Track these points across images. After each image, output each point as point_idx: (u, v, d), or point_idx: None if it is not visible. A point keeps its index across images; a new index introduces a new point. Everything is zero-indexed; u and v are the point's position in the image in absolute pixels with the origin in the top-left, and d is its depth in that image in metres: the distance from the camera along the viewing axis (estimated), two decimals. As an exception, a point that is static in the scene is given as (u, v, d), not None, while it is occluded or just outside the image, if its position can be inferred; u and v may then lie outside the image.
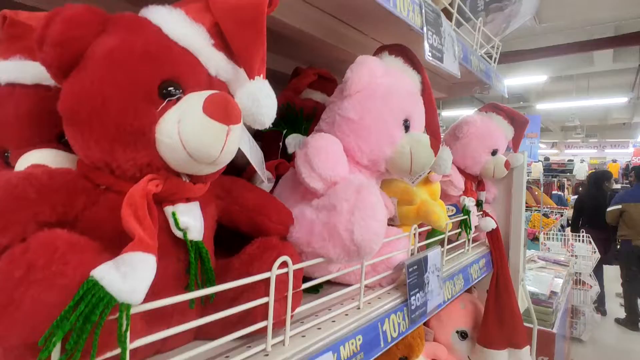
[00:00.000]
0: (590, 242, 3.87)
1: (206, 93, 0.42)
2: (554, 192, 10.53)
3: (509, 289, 1.17)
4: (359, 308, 0.67)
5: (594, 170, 6.74)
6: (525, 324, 1.54)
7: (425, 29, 0.76)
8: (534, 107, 9.04)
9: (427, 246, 0.89)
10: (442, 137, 1.25)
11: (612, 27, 6.00)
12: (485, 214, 1.25)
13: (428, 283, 0.77)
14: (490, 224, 1.21)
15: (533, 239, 4.84)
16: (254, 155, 0.59)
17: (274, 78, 1.14)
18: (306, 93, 0.93)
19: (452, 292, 0.89)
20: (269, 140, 0.82)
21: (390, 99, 0.72)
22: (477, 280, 1.08)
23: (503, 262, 1.20)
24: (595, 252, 3.85)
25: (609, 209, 4.40)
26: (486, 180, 1.35)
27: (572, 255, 3.76)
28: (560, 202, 8.93)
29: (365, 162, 0.72)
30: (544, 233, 4.28)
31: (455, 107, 10.25)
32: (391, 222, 0.90)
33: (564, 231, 5.65)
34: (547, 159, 16.92)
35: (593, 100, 7.88)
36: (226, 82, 0.50)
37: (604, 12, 5.35)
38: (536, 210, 6.42)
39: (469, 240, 1.16)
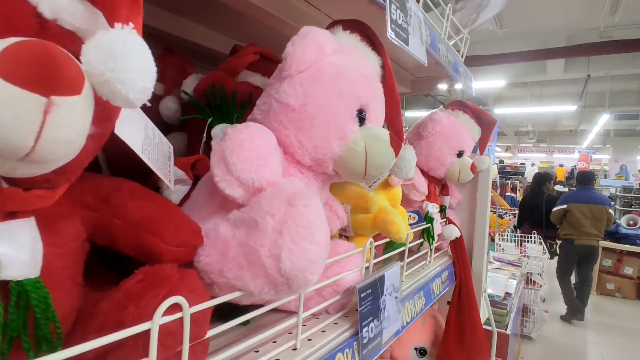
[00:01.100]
0: (540, 243, 3.98)
1: (6, 42, 0.25)
2: (507, 193, 10.98)
3: (471, 302, 1.07)
4: (295, 349, 0.52)
5: (538, 172, 7.13)
6: (485, 326, 1.48)
7: (388, 0, 0.62)
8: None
9: (385, 261, 0.76)
10: (405, 135, 1.13)
11: (565, 38, 6.27)
12: (449, 221, 1.14)
13: (384, 308, 0.64)
14: (454, 232, 1.11)
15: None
16: (153, 148, 0.43)
17: (209, 58, 0.97)
18: (244, 75, 0.75)
19: (412, 313, 0.78)
20: (194, 131, 0.66)
21: (342, 83, 0.56)
22: (438, 296, 0.97)
23: (466, 273, 1.11)
24: (545, 252, 3.96)
25: (554, 209, 4.61)
26: (450, 183, 1.25)
27: (524, 256, 3.85)
28: (513, 203, 9.29)
29: (307, 161, 0.56)
30: (498, 234, 4.37)
31: (417, 109, 10.41)
32: (344, 232, 0.76)
33: (515, 232, 5.86)
34: (501, 161, 17.72)
35: (545, 107, 8.24)
36: (75, 31, 0.32)
37: (558, 19, 5.56)
38: (492, 211, 6.60)
39: (431, 250, 1.05)
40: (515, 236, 4.37)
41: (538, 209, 5.11)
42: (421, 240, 1.00)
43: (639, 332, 4.35)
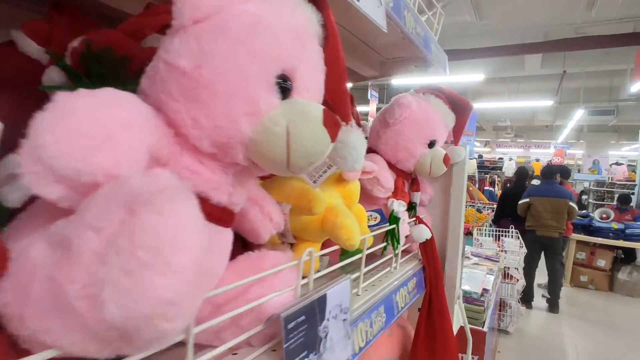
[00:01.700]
0: (518, 238, 3.95)
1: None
2: (485, 188, 11.10)
3: (443, 312, 0.95)
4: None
5: (522, 166, 7.20)
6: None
7: None
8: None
9: (342, 270, 0.63)
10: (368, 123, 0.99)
11: (542, 34, 6.29)
12: (419, 221, 1.00)
13: (326, 337, 0.50)
14: (424, 232, 0.97)
15: (467, 233, 4.96)
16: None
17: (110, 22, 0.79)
18: (153, 40, 0.57)
19: (369, 335, 0.64)
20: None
21: (256, 38, 0.41)
22: (404, 309, 0.84)
23: (438, 279, 0.98)
24: (522, 246, 3.94)
25: (519, 202, 4.80)
26: (421, 178, 1.11)
27: (501, 251, 3.82)
28: (491, 197, 9.39)
29: (206, 147, 0.41)
30: (477, 228, 4.32)
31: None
32: (283, 239, 0.62)
33: (492, 226, 5.86)
34: (480, 156, 18.01)
35: (522, 102, 8.30)
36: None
37: (536, 14, 5.55)
38: (471, 205, 6.61)
39: (396, 256, 0.90)
40: (493, 231, 4.33)
41: (514, 201, 5.13)
42: (384, 244, 0.86)
43: (611, 323, 4.41)
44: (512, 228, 4.05)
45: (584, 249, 5.70)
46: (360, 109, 11.51)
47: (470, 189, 9.01)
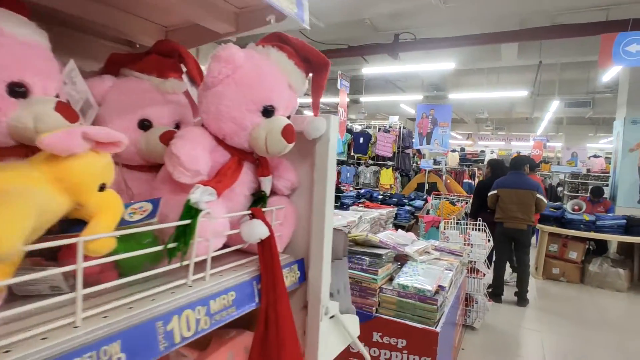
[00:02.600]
0: (484, 231, 3.85)
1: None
2: (465, 180, 11.10)
3: (283, 335, 0.74)
4: None
5: (494, 158, 7.16)
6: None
7: None
8: (447, 96, 9.30)
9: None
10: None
11: (518, 22, 6.19)
12: (257, 214, 0.77)
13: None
14: (256, 230, 0.74)
15: (438, 227, 4.87)
16: None
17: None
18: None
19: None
20: None
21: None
22: (184, 342, 0.59)
23: (277, 291, 0.76)
24: (489, 240, 3.84)
25: (489, 195, 4.76)
26: (280, 159, 0.88)
27: (468, 244, 3.71)
28: (471, 189, 9.34)
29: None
30: (445, 221, 4.21)
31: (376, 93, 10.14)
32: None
33: (466, 219, 5.78)
34: (463, 149, 18.10)
35: (498, 93, 8.24)
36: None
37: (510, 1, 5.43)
38: (445, 197, 6.53)
39: (186, 264, 0.66)
40: (459, 224, 4.23)
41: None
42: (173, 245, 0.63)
43: (580, 316, 4.37)
44: (479, 221, 3.94)
45: (556, 241, 5.67)
46: (329, 100, 11.31)
47: (449, 181, 8.99)
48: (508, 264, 4.86)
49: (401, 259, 2.75)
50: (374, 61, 7.10)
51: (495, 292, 4.65)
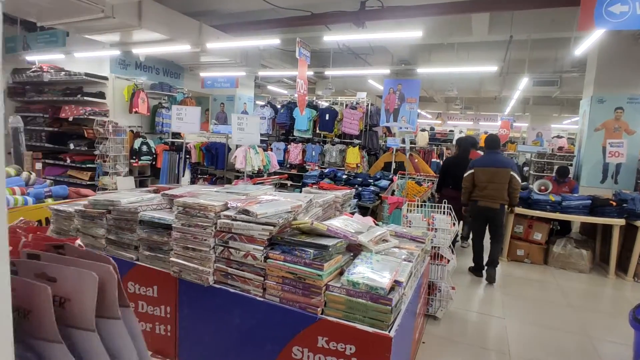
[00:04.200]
0: (449, 214, 3.55)
1: None
2: (433, 160, 10.94)
3: None
4: None
5: (462, 137, 7.03)
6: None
7: None
8: (415, 71, 8.95)
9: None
10: None
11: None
12: None
13: None
14: None
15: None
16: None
17: None
18: None
19: None
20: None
21: None
22: None
23: None
24: (455, 224, 3.55)
25: (465, 175, 4.77)
26: None
27: (432, 229, 3.40)
28: (439, 169, 9.16)
29: None
30: (409, 203, 3.88)
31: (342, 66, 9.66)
32: None
33: (433, 200, 5.52)
34: (432, 128, 18.02)
35: (467, 68, 7.95)
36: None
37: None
38: (410, 178, 6.24)
39: None
40: (424, 206, 3.91)
41: (459, 171, 5.05)
42: None
43: (544, 300, 4.24)
44: (445, 203, 3.63)
45: (522, 222, 5.54)
46: (287, 73, 10.70)
47: (417, 160, 8.74)
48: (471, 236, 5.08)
49: (355, 249, 2.39)
50: (338, 30, 6.58)
51: (476, 267, 4.80)
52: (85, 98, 7.32)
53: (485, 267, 4.68)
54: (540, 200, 5.34)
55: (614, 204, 5.05)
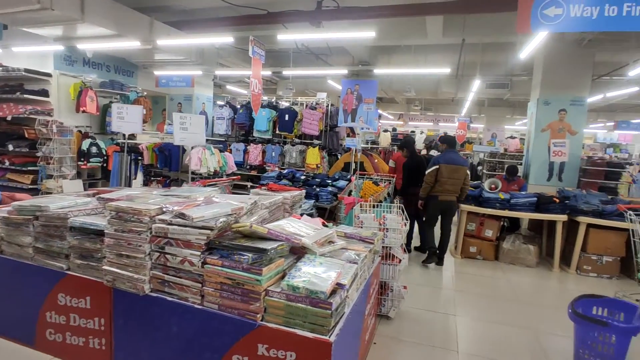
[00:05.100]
0: (401, 214, 3.57)
1: None
2: (392, 160, 11.10)
3: None
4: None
5: (406, 137, 7.35)
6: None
7: None
8: (372, 71, 9.07)
9: None
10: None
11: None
12: None
13: None
14: None
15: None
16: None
17: None
18: None
19: None
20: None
21: None
22: None
23: None
24: (406, 224, 3.57)
25: (428, 171, 5.09)
26: None
27: (383, 229, 3.41)
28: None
29: None
30: (362, 203, 3.87)
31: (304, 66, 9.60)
32: None
33: (389, 199, 5.57)
34: (394, 129, 18.33)
35: (422, 69, 8.16)
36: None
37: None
38: (368, 178, 6.27)
39: None
40: (379, 206, 3.92)
41: (423, 169, 5.41)
42: None
43: (493, 295, 4.37)
44: (396, 202, 3.65)
45: (474, 220, 5.70)
46: (247, 72, 10.55)
47: (377, 160, 8.83)
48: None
49: (300, 252, 2.33)
50: (295, 29, 6.53)
51: (439, 256, 5.20)
52: (25, 96, 6.82)
53: (437, 253, 5.21)
54: (490, 198, 5.52)
55: (557, 200, 5.31)
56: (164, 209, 2.18)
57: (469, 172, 5.16)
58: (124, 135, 7.48)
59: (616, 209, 4.75)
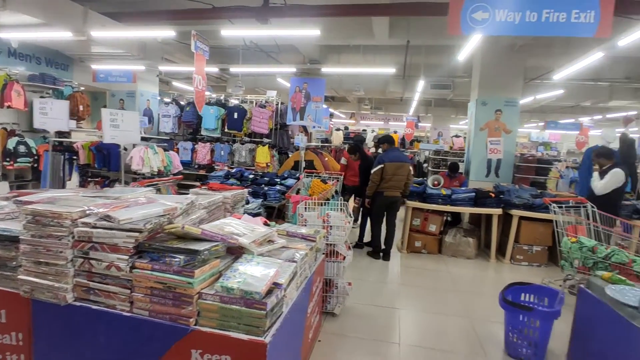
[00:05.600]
0: (344, 210, 3.61)
1: None
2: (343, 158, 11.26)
3: None
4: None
5: (357, 137, 7.46)
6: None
7: None
8: (320, 70, 9.14)
9: None
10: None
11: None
12: None
13: None
14: None
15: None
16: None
17: None
18: None
19: None
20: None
21: None
22: None
23: None
24: (350, 221, 3.62)
25: (373, 170, 5.23)
26: None
27: (326, 227, 3.43)
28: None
29: None
30: (306, 201, 3.87)
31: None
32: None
33: (337, 196, 5.62)
34: (347, 128, 18.55)
35: (368, 69, 8.37)
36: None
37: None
38: (316, 176, 6.29)
39: None
40: (327, 204, 3.94)
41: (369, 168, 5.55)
42: None
43: (436, 287, 4.56)
44: (340, 198, 3.69)
45: (419, 216, 5.91)
46: (180, 68, 10.22)
47: (327, 159, 8.90)
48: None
49: (237, 252, 2.28)
50: (241, 25, 6.40)
51: (385, 251, 5.41)
52: (-64, 89, 6.11)
53: (383, 248, 5.42)
54: (433, 194, 5.76)
55: (493, 195, 5.65)
56: (88, 212, 2.04)
57: (411, 168, 5.38)
58: (59, 133, 6.93)
59: (543, 202, 5.14)
